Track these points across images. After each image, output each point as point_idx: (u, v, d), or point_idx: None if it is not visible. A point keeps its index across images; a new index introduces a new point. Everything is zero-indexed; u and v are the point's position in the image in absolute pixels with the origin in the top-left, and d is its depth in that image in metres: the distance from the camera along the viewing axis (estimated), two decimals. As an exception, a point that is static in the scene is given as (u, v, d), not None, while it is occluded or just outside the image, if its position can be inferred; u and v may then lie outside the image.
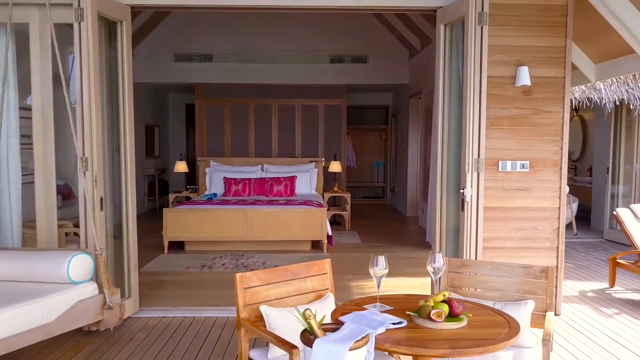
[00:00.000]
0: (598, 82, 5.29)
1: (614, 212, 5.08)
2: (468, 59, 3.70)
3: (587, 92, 5.88)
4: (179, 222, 6.27)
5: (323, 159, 8.71)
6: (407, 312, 2.06)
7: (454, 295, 2.48)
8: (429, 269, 2.22)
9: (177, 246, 6.53)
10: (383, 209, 10.81)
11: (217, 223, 6.30)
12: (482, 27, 3.67)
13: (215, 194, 7.44)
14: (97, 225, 3.57)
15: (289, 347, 2.01)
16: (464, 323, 1.96)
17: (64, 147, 4.67)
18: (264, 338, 2.21)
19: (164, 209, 6.33)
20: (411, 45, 8.84)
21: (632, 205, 5.11)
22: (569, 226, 8.20)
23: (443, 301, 1.99)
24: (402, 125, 10.20)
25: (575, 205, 8.09)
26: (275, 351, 2.28)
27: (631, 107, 6.16)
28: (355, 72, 9.35)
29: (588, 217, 8.53)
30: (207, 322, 4.03)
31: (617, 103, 6.25)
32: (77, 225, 4.30)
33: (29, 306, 2.78)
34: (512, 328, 1.96)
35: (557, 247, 4.18)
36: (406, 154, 9.58)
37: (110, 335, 3.65)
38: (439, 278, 2.26)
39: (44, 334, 2.83)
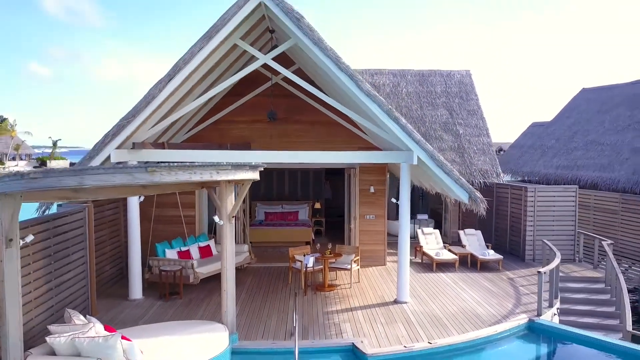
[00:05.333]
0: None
1: (418, 229, 13.80)
2: (351, 185, 12.46)
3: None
4: (250, 233, 14.95)
5: (312, 201, 17.46)
6: (322, 255, 10.82)
7: (343, 253, 11.25)
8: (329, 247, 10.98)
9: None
10: (346, 224, 19.53)
11: (266, 234, 15.02)
12: (349, 175, 12.45)
13: (262, 220, 16.20)
14: (242, 239, 12.30)
15: (299, 260, 10.73)
16: (332, 255, 10.70)
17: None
18: (296, 260, 10.94)
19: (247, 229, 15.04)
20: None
21: (422, 228, 13.84)
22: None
23: (330, 251, 10.73)
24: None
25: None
26: (297, 264, 11.01)
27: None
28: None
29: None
30: (273, 268, 12.72)
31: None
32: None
33: (236, 258, 11.50)
34: (343, 255, 10.71)
35: (384, 243, 12.93)
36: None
37: (247, 270, 12.35)
38: (331, 249, 10.99)
39: (238, 265, 11.56)
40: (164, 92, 8.88)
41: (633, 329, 9.50)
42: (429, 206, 19.40)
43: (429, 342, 7.85)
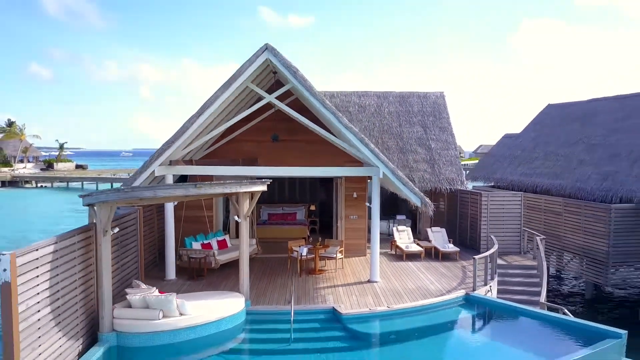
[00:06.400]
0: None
1: (394, 227, 16.90)
2: (338, 191, 15.58)
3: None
4: (256, 230, 18.05)
5: (308, 204, 20.59)
6: (314, 246, 13.94)
7: (330, 245, 14.37)
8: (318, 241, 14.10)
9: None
10: (338, 223, 22.68)
11: (269, 231, 18.14)
12: (337, 183, 15.59)
13: (266, 220, 19.33)
14: (251, 234, 15.42)
15: (296, 250, 13.84)
16: (322, 247, 13.81)
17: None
18: (294, 250, 14.06)
19: (255, 226, 18.17)
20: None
21: (397, 226, 16.95)
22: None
23: (320, 244, 13.84)
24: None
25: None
26: (294, 253, 14.13)
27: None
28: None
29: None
30: (274, 258, 15.83)
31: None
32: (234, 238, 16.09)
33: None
34: (330, 247, 13.83)
35: (366, 237, 16.05)
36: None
37: (255, 259, 15.46)
38: (321, 242, 14.10)
39: (251, 254, 14.68)
40: (194, 125, 12.01)
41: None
42: (408, 208, 22.54)
43: (387, 307, 10.96)
